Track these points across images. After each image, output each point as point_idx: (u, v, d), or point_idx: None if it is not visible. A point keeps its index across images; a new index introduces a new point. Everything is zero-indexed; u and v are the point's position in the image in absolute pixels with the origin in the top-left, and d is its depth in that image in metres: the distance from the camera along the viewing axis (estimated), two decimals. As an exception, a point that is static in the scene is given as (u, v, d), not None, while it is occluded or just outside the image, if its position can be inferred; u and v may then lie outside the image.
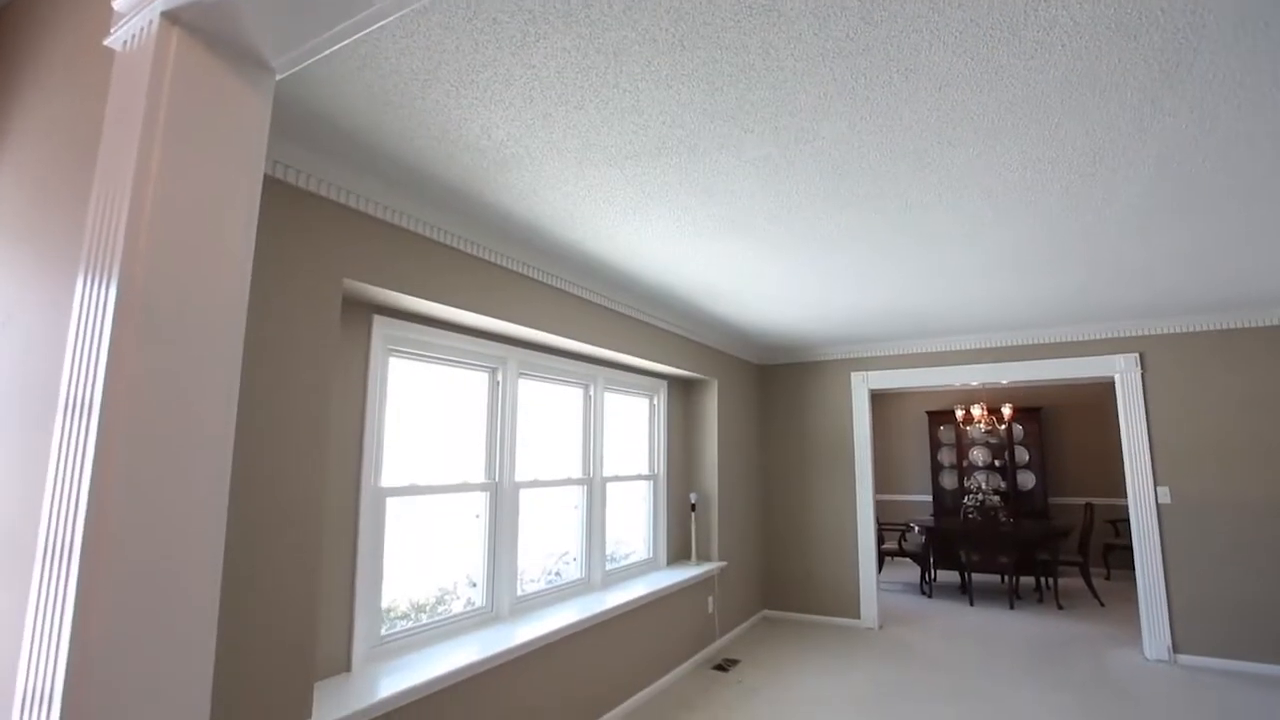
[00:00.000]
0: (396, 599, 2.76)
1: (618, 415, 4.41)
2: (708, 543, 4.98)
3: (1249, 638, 4.31)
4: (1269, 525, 4.34)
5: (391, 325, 2.67)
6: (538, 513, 3.58)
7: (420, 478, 2.86)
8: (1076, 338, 4.96)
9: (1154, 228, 2.76)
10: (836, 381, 5.80)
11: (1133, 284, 3.68)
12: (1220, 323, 4.56)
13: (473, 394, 3.23)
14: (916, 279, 3.55)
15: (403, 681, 2.29)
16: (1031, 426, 8.26)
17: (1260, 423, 4.43)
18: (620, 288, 3.67)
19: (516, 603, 3.26)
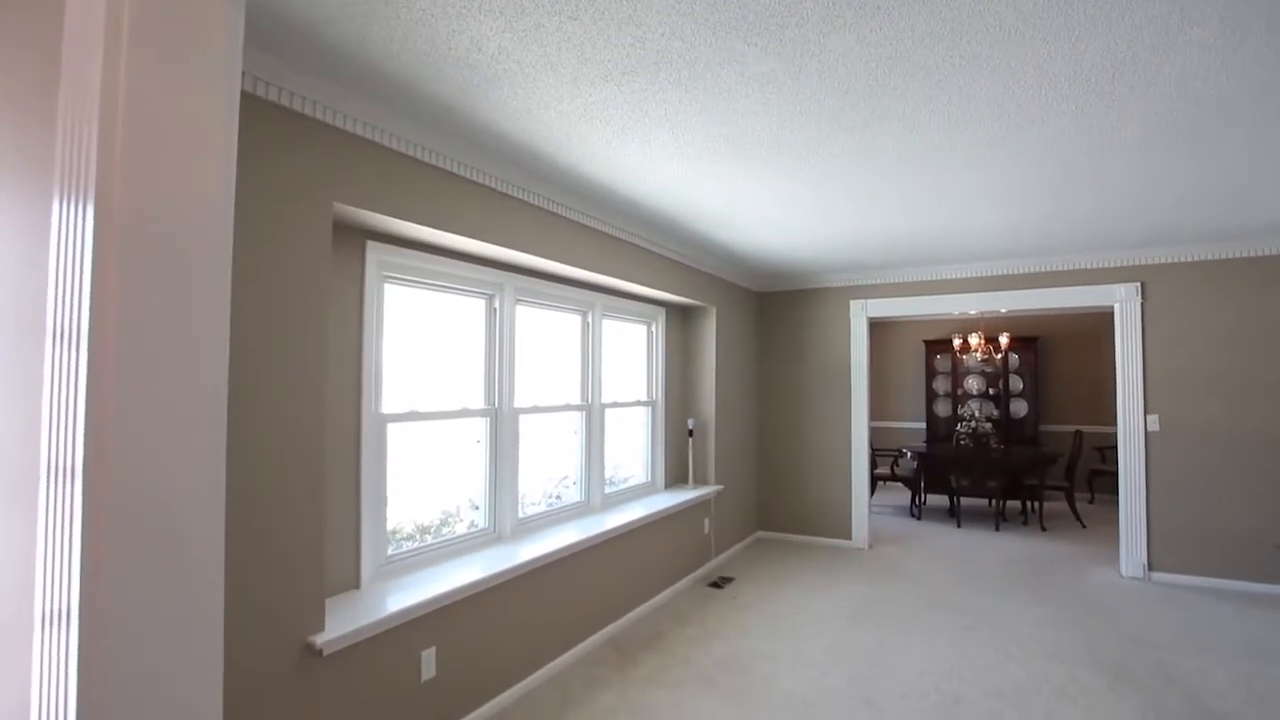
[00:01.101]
0: (402, 521, 2.84)
1: (616, 342, 4.41)
2: (705, 467, 5.09)
3: (1219, 556, 4.49)
4: (1248, 454, 4.44)
5: (385, 251, 2.62)
6: (538, 438, 3.63)
7: (421, 404, 2.88)
8: (1079, 266, 4.90)
9: (1167, 151, 2.67)
10: (836, 309, 5.78)
11: (1138, 211, 3.60)
12: (1221, 252, 4.50)
13: (470, 321, 3.22)
14: (920, 205, 3.47)
15: (410, 597, 2.39)
16: (1027, 356, 8.30)
17: (1251, 354, 4.45)
18: (618, 213, 3.59)
19: (518, 524, 3.36)
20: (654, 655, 3.38)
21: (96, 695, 0.85)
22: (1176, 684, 3.06)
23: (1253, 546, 4.42)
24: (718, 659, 3.33)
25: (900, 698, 2.92)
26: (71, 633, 0.84)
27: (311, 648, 2.00)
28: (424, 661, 2.45)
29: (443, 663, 2.53)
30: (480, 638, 2.73)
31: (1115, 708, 2.84)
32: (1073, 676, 3.14)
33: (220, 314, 0.91)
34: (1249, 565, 4.43)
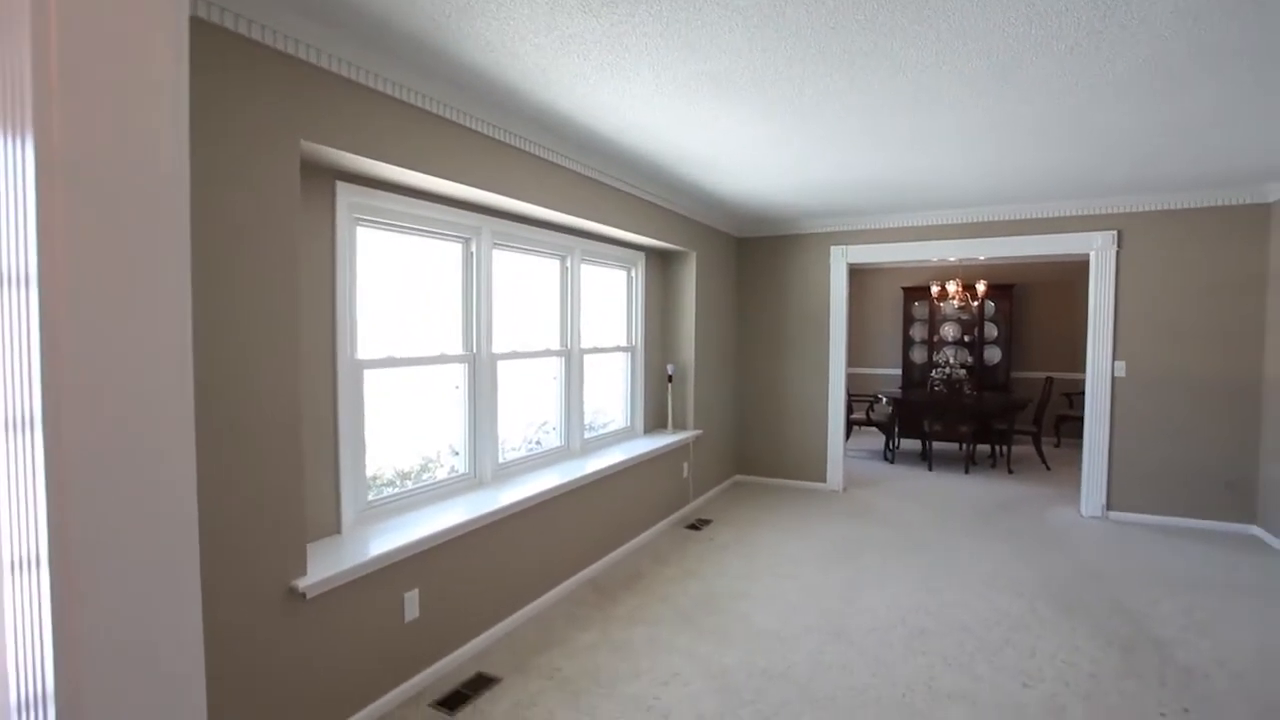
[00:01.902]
0: (382, 467, 2.84)
1: (595, 287, 4.37)
2: (684, 412, 5.14)
3: (1172, 496, 4.70)
4: (1205, 398, 4.59)
5: (357, 193, 2.53)
6: (517, 384, 3.62)
7: (398, 350, 2.84)
8: (1058, 214, 4.91)
9: (1153, 94, 2.64)
10: (816, 255, 5.76)
11: (1119, 158, 3.58)
12: (1196, 201, 4.54)
13: (447, 266, 3.15)
14: (904, 149, 3.41)
15: (392, 541, 2.41)
16: (1003, 303, 8.40)
17: (1216, 302, 4.55)
18: (598, 154, 3.49)
19: (499, 469, 3.38)
20: (633, 595, 3.48)
21: (72, 636, 0.85)
22: (1125, 614, 3.24)
23: (1203, 486, 4.63)
24: (695, 597, 3.44)
25: (870, 631, 3.06)
26: (42, 577, 0.83)
27: (294, 591, 2.02)
28: (407, 603, 2.49)
29: (426, 604, 2.58)
30: (462, 580, 2.78)
31: (1068, 636, 3.00)
32: (1031, 609, 3.30)
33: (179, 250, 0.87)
34: (1198, 503, 4.64)
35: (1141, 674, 2.69)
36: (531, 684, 2.60)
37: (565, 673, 2.68)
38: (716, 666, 2.74)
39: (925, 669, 2.72)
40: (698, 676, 2.66)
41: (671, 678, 2.65)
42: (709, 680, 2.63)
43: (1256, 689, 2.58)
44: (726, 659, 2.80)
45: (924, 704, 2.47)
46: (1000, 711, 2.42)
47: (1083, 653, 2.86)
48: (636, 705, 2.45)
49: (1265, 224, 4.43)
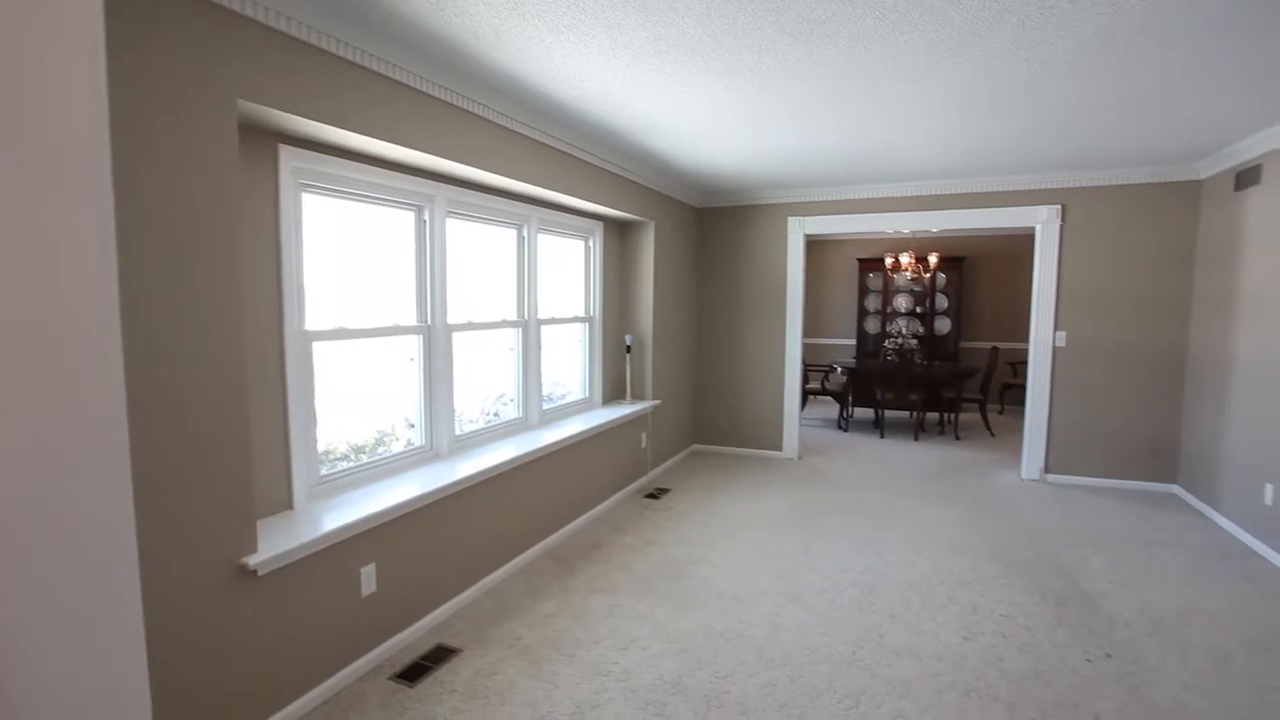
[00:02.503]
0: (335, 441, 2.78)
1: (553, 257, 4.31)
2: (642, 383, 5.16)
3: (1104, 459, 4.97)
4: (1136, 367, 4.83)
5: (301, 156, 2.42)
6: (473, 355, 3.57)
7: (349, 321, 2.76)
8: (1007, 188, 5.04)
9: (1100, 70, 2.71)
10: (773, 226, 5.79)
11: (1067, 133, 3.68)
12: (1136, 177, 4.71)
13: (400, 235, 3.06)
14: (861, 119, 3.43)
15: (346, 516, 2.37)
16: (954, 275, 8.63)
17: (1151, 275, 4.76)
18: (555, 121, 3.41)
19: (455, 442, 3.35)
20: (593, 564, 3.52)
21: None
22: (1059, 570, 3.43)
23: (1132, 449, 4.90)
24: (654, 564, 3.50)
25: (821, 592, 3.16)
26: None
27: (245, 569, 1.97)
28: (364, 577, 2.46)
29: (383, 578, 2.56)
30: (420, 553, 2.76)
31: (1006, 592, 3.16)
32: (973, 567, 3.46)
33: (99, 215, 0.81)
34: (1127, 465, 4.92)
35: (1072, 624, 2.86)
36: (492, 653, 2.62)
37: (525, 641, 2.71)
38: (675, 630, 2.80)
39: (874, 627, 2.83)
40: (657, 641, 2.72)
41: (630, 643, 2.70)
42: (668, 644, 2.69)
43: (1170, 633, 2.77)
44: (685, 623, 2.86)
45: (873, 660, 2.58)
46: (943, 663, 2.55)
47: (1019, 606, 3.02)
48: (596, 670, 2.50)
49: (1196, 200, 4.64)
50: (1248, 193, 3.98)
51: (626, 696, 2.33)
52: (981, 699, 2.33)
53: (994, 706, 2.29)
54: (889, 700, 2.32)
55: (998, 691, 2.37)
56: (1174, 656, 2.61)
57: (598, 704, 2.29)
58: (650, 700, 2.31)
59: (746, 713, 2.25)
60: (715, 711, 2.25)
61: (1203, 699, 2.34)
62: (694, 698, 2.33)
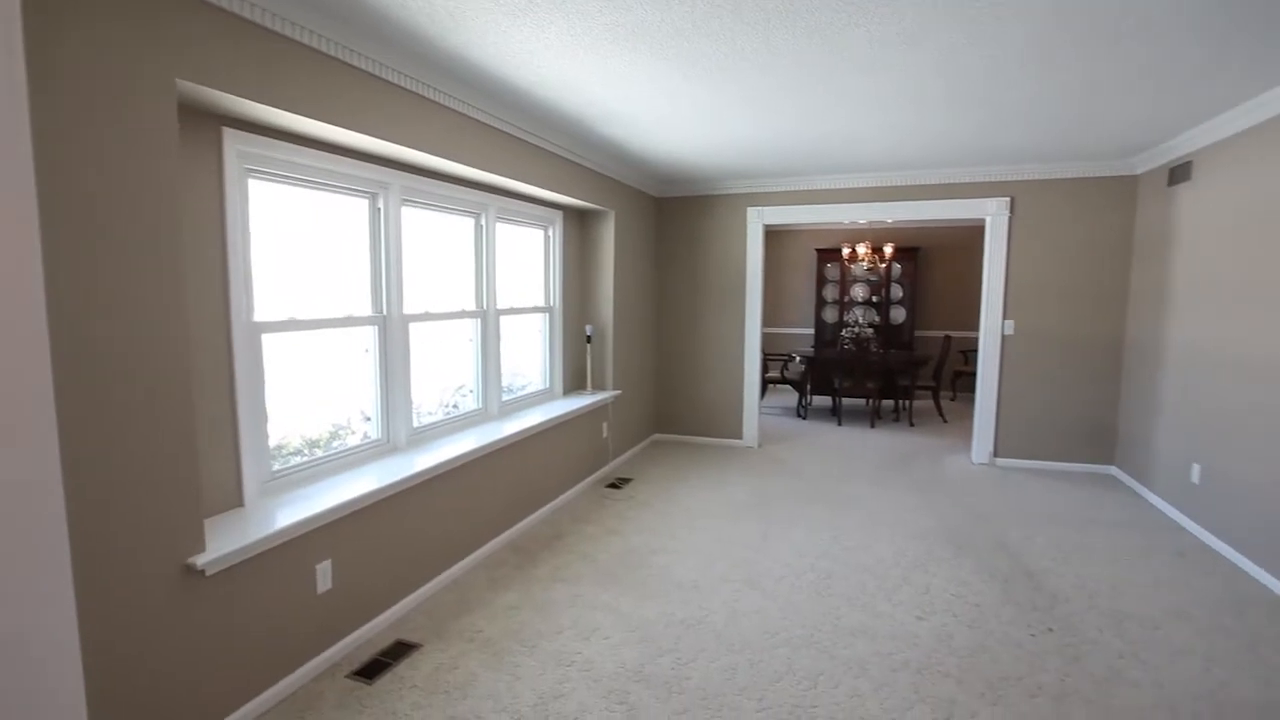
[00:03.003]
0: (288, 436, 2.70)
1: (512, 247, 4.26)
2: (603, 373, 5.16)
3: (1048, 442, 5.18)
4: (1079, 354, 5.04)
5: (247, 141, 2.32)
6: (431, 346, 3.51)
7: (300, 312, 2.68)
8: (959, 180, 5.17)
9: (1046, 67, 2.79)
10: (732, 216, 5.83)
11: (1015, 127, 3.79)
12: (1080, 171, 4.89)
13: (353, 223, 2.97)
14: (818, 111, 3.47)
15: (300, 512, 2.31)
16: (909, 265, 8.84)
17: (1095, 266, 4.96)
18: (514, 108, 3.35)
19: (413, 434, 3.29)
20: (554, 555, 3.51)
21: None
22: (1005, 550, 3.57)
23: (1074, 433, 5.11)
24: (616, 554, 3.51)
25: (780, 579, 3.22)
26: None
27: (192, 569, 1.91)
28: (319, 574, 2.41)
29: (340, 574, 2.51)
30: (378, 548, 2.71)
31: (957, 572, 3.28)
32: (926, 549, 3.57)
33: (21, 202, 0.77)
34: (1069, 448, 5.14)
35: (1017, 601, 2.98)
36: (453, 647, 2.59)
37: (487, 634, 2.69)
38: (637, 619, 2.82)
39: (831, 609, 2.90)
40: (619, 630, 2.73)
41: (593, 632, 2.71)
42: (630, 632, 2.71)
43: (1107, 607, 2.92)
44: (647, 611, 2.89)
45: (830, 641, 2.64)
46: (897, 643, 2.63)
47: (969, 586, 3.13)
48: (559, 661, 2.50)
49: (1133, 194, 4.84)
50: (1179, 188, 4.17)
51: (589, 686, 2.34)
52: (933, 675, 2.41)
53: (944, 682, 2.37)
54: (845, 680, 2.38)
55: (948, 668, 2.46)
56: (1110, 628, 2.75)
57: (560, 694, 2.30)
58: (613, 689, 2.33)
59: (707, 698, 2.28)
60: (677, 698, 2.28)
61: (1135, 667, 2.47)
62: (656, 685, 2.35)
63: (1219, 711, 2.21)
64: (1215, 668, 2.47)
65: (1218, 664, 2.50)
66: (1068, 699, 2.28)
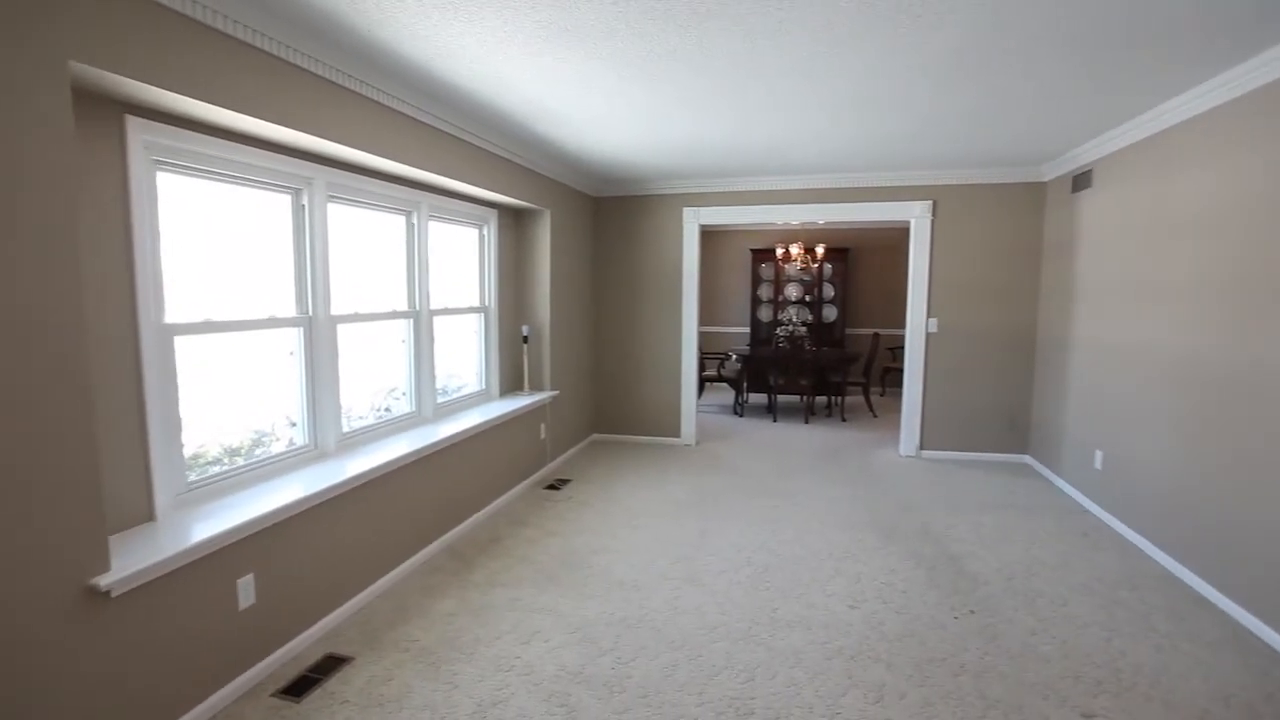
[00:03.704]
0: (205, 444, 2.55)
1: (445, 246, 4.16)
2: (540, 373, 5.11)
3: (969, 434, 5.46)
4: (997, 350, 5.34)
5: (154, 130, 2.18)
6: (361, 348, 3.39)
7: (218, 314, 2.54)
8: (885, 184, 5.38)
9: (963, 78, 2.94)
10: (669, 216, 5.88)
11: (936, 134, 3.98)
12: (995, 177, 5.18)
13: (276, 220, 2.84)
14: (752, 113, 3.55)
15: (218, 525, 2.19)
16: (839, 265, 9.13)
17: (1010, 267, 5.26)
18: (446, 104, 3.27)
19: (343, 439, 3.17)
20: (492, 558, 3.45)
21: None
22: (930, 537, 3.74)
23: (992, 425, 5.41)
24: (555, 556, 3.49)
25: (719, 573, 3.28)
26: None
27: (95, 590, 1.77)
28: (241, 589, 2.29)
29: (264, 588, 2.39)
30: (306, 559, 2.60)
31: (886, 560, 3.41)
32: (857, 540, 3.70)
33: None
34: (989, 439, 5.43)
35: (941, 585, 3.13)
36: (387, 658, 2.51)
37: (423, 643, 2.62)
38: (577, 620, 2.81)
39: (768, 602, 2.97)
40: (559, 632, 2.71)
41: (533, 636, 2.68)
42: (570, 634, 2.69)
43: (1022, 586, 3.10)
44: (587, 612, 2.88)
45: (767, 634, 2.70)
46: (831, 632, 2.71)
47: (898, 573, 3.27)
48: (498, 666, 2.46)
49: (1041, 200, 5.16)
50: (1081, 195, 4.48)
51: (529, 690, 2.32)
52: (864, 661, 2.50)
53: (875, 667, 2.46)
54: (782, 670, 2.44)
55: (879, 653, 2.56)
56: (1024, 607, 2.92)
57: (500, 700, 2.26)
58: (554, 692, 2.31)
59: (648, 695, 2.29)
60: (618, 697, 2.28)
61: (1046, 641, 2.63)
62: (597, 685, 2.35)
63: (1118, 678, 2.39)
64: (1115, 638, 2.66)
65: (1117, 634, 2.69)
66: (986, 675, 2.41)
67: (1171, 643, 2.64)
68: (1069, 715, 2.18)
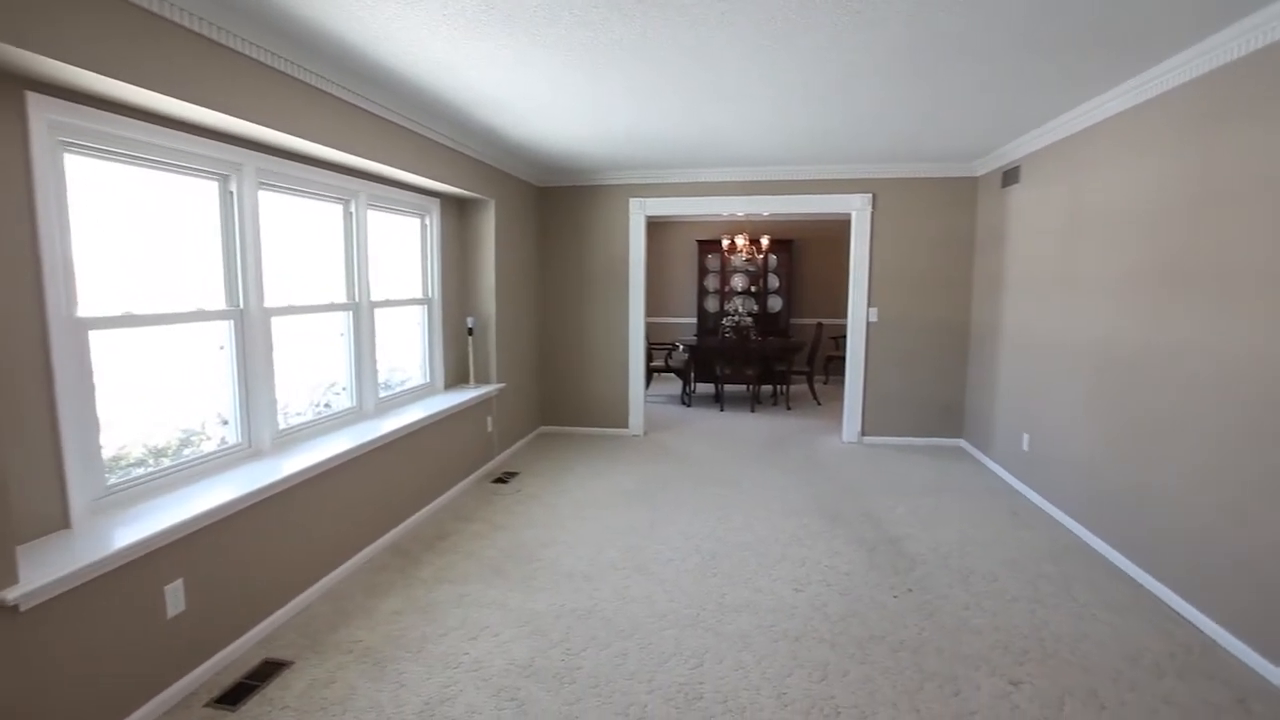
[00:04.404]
0: (127, 445, 2.41)
1: (386, 236, 4.03)
2: (486, 366, 5.03)
3: (908, 420, 5.67)
4: (934, 337, 5.55)
5: (60, 109, 2.03)
6: (298, 341, 3.26)
7: (139, 306, 2.39)
8: (828, 176, 5.50)
9: (899, 76, 3.02)
10: (615, 207, 5.86)
11: (876, 128, 4.08)
12: (931, 171, 5.36)
13: (203, 207, 2.69)
14: (697, 104, 3.56)
15: (142, 529, 2.08)
16: (784, 256, 9.30)
17: (946, 258, 5.47)
18: (385, 89, 3.16)
19: (279, 436, 3.05)
20: (439, 555, 3.39)
21: None
22: (871, 520, 3.87)
23: (929, 410, 5.63)
24: (503, 550, 3.45)
25: (668, 562, 3.31)
26: None
27: (2, 605, 1.66)
28: (169, 596, 2.18)
29: (194, 594, 2.28)
30: (240, 562, 2.50)
31: (830, 544, 3.51)
32: (802, 525, 3.80)
33: None
34: (925, 424, 5.65)
35: (881, 566, 3.24)
36: (329, 661, 2.44)
37: (367, 643, 2.56)
38: (526, 613, 2.79)
39: (716, 589, 3.02)
40: (508, 626, 2.69)
41: (481, 631, 2.65)
42: (519, 628, 2.67)
43: (956, 564, 3.25)
44: (536, 605, 2.86)
45: (715, 619, 2.75)
46: (777, 615, 2.78)
47: (841, 556, 3.37)
48: (445, 663, 2.42)
49: (974, 194, 5.37)
50: (1011, 189, 4.68)
51: (478, 686, 2.29)
52: (809, 642, 2.57)
53: (819, 647, 2.54)
54: (730, 654, 2.49)
55: (823, 634, 2.64)
56: (958, 584, 3.06)
57: (447, 698, 2.23)
58: (503, 686, 2.29)
59: (598, 684, 2.30)
60: (568, 688, 2.28)
61: (978, 615, 2.76)
62: (546, 677, 2.34)
63: (1042, 645, 2.53)
64: (1039, 609, 2.82)
65: (1041, 605, 2.85)
66: (923, 649, 2.52)
67: (1089, 611, 2.81)
68: (998, 683, 2.30)
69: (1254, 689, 2.27)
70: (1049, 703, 2.20)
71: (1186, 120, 2.84)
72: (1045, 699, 2.22)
